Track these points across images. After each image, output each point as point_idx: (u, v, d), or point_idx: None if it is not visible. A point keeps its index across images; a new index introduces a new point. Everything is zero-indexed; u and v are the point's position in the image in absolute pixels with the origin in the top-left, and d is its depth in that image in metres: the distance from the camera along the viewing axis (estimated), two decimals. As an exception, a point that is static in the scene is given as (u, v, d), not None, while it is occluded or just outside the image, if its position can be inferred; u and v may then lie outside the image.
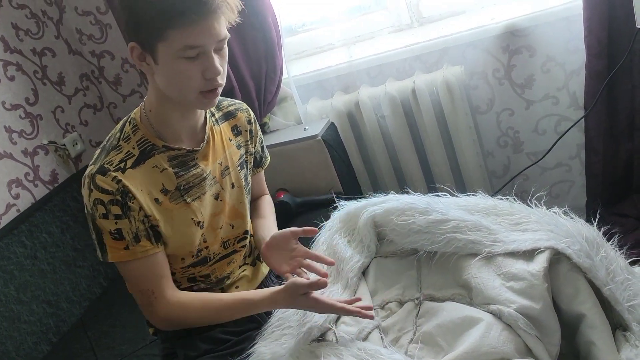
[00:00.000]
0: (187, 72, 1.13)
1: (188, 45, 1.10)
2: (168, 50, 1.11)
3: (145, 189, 1.22)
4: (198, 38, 1.10)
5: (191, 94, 1.16)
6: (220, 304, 1.26)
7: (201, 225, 1.30)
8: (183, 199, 1.26)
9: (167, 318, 1.25)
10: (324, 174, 2.13)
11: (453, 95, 2.05)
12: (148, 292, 1.24)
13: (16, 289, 1.87)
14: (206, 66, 1.13)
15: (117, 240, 1.20)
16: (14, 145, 2.08)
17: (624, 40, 1.80)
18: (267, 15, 2.05)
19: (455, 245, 1.24)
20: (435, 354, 1.12)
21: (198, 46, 1.11)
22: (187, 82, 1.14)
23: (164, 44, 1.10)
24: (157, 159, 1.24)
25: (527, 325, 1.07)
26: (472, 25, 2.08)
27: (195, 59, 1.12)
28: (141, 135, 1.24)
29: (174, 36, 1.09)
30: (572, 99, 2.09)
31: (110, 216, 1.18)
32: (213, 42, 1.12)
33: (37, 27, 2.26)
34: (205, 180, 1.30)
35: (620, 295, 1.10)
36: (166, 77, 1.16)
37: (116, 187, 1.18)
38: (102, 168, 1.19)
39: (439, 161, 2.18)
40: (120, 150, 1.22)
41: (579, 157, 2.19)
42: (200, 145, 1.29)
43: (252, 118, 1.45)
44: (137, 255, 1.21)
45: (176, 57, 1.11)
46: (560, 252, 1.13)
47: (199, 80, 1.14)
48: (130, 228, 1.20)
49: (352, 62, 2.23)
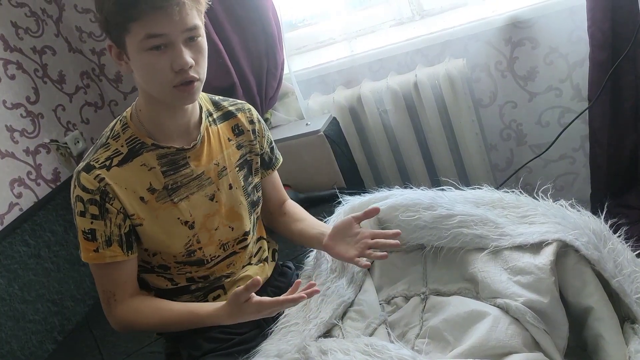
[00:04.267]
0: (155, 64, 1.11)
1: (149, 34, 1.08)
2: (133, 42, 1.11)
3: (130, 187, 1.22)
4: (157, 26, 1.08)
5: (165, 88, 1.14)
6: (170, 314, 1.26)
7: (190, 226, 1.29)
8: (170, 198, 1.26)
9: (120, 321, 1.27)
10: (326, 169, 2.12)
11: (455, 89, 2.04)
12: (109, 293, 1.26)
13: (20, 288, 1.87)
14: (173, 58, 1.11)
15: (89, 241, 1.21)
16: (16, 145, 2.07)
17: (628, 30, 1.79)
18: (267, 10, 2.05)
19: (461, 240, 1.23)
20: (442, 349, 1.12)
21: (159, 35, 1.09)
22: (156, 76, 1.13)
23: (129, 37, 1.10)
24: (146, 157, 1.24)
25: (535, 319, 1.06)
26: (473, 17, 2.07)
27: (163, 51, 1.11)
28: (131, 133, 1.24)
29: (135, 28, 1.09)
30: (576, 90, 2.08)
31: (87, 215, 1.20)
32: (177, 31, 1.10)
33: (36, 25, 2.26)
34: (195, 180, 1.29)
35: (628, 288, 1.09)
36: (139, 72, 1.16)
37: (97, 185, 1.19)
38: (87, 165, 1.20)
39: (442, 155, 2.17)
40: (108, 147, 1.23)
41: (583, 149, 2.18)
42: (192, 144, 1.28)
43: (255, 118, 1.42)
44: (105, 260, 1.22)
45: (142, 49, 1.10)
46: (568, 244, 1.12)
47: (168, 73, 1.12)
48: (104, 231, 1.21)
49: (353, 56, 2.22)
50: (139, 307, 1.27)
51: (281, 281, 1.49)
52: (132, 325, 1.28)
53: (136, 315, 1.27)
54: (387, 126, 2.20)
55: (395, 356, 1.03)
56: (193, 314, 1.24)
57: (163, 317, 1.26)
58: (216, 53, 2.02)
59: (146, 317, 1.26)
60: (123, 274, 1.26)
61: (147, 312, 1.27)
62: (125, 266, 1.26)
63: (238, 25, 2.07)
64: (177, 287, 1.35)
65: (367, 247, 1.26)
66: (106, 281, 1.26)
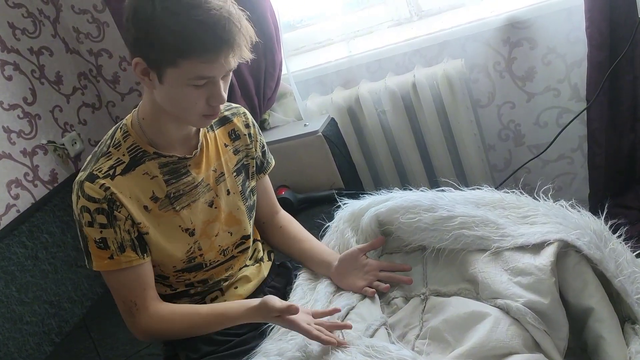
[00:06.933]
0: (192, 98, 1.13)
1: (199, 76, 1.09)
2: (177, 76, 1.10)
3: (134, 197, 1.21)
4: (211, 71, 1.10)
5: (193, 116, 1.17)
6: (199, 318, 1.25)
7: (191, 233, 1.28)
8: (172, 206, 1.25)
9: (147, 330, 1.25)
10: (324, 169, 2.12)
11: (453, 89, 2.04)
12: (130, 302, 1.23)
13: (18, 289, 1.86)
14: (212, 94, 1.13)
15: (102, 249, 1.20)
16: (13, 146, 2.06)
17: (626, 30, 1.79)
18: (265, 10, 2.04)
19: (463, 241, 1.22)
20: (443, 350, 1.11)
21: (211, 77, 1.11)
22: (190, 107, 1.15)
23: (175, 70, 1.09)
24: (148, 166, 1.23)
25: (536, 320, 1.06)
26: (472, 18, 2.07)
27: (203, 86, 1.12)
28: (132, 141, 1.23)
29: (186, 65, 1.08)
30: (574, 90, 2.08)
31: (95, 224, 1.18)
32: (224, 72, 1.13)
33: (33, 26, 2.25)
34: (197, 188, 1.28)
35: (628, 288, 1.09)
36: (169, 98, 1.15)
37: (103, 194, 1.17)
38: (90, 175, 1.19)
39: (440, 155, 2.17)
40: (110, 157, 1.21)
41: (581, 149, 2.18)
42: (192, 152, 1.28)
43: (250, 122, 1.41)
44: (121, 266, 1.21)
45: (184, 84, 1.10)
46: (569, 244, 1.12)
47: (202, 105, 1.15)
48: (115, 238, 1.19)
49: (351, 57, 2.22)
50: (166, 316, 1.25)
51: (278, 281, 1.49)
52: (161, 334, 1.27)
53: (163, 323, 1.24)
54: (385, 127, 2.20)
55: (396, 357, 1.02)
56: (223, 316, 1.23)
57: (193, 322, 1.25)
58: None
59: (175, 325, 1.25)
60: (141, 279, 1.23)
61: (176, 319, 1.25)
62: (143, 271, 1.23)
63: (236, 26, 2.06)
64: (176, 292, 1.35)
65: (375, 279, 1.33)
66: (125, 291, 1.23)
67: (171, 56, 1.07)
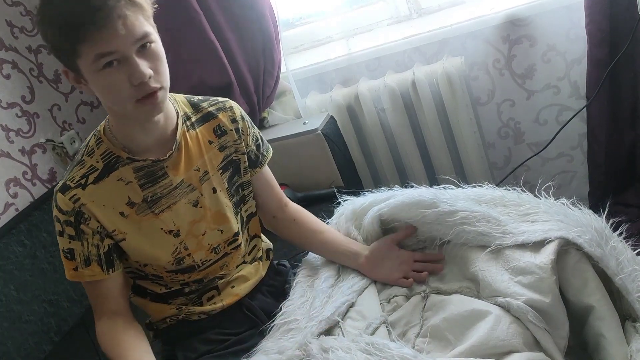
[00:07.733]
0: (113, 82, 1.06)
1: (98, 54, 1.03)
2: (86, 64, 1.06)
3: (108, 204, 1.20)
4: (105, 44, 1.03)
5: (128, 104, 1.09)
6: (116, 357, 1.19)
7: (175, 234, 1.27)
8: (151, 210, 1.24)
9: (98, 337, 1.25)
10: (324, 168, 2.12)
11: (453, 87, 2.03)
12: (93, 307, 1.27)
13: (16, 288, 1.86)
14: (130, 72, 1.06)
15: (69, 260, 1.21)
16: (11, 144, 2.06)
17: (626, 28, 1.78)
18: (264, 8, 2.04)
19: (464, 237, 1.22)
20: (443, 348, 1.11)
21: (109, 52, 1.04)
22: (117, 94, 1.08)
23: (81, 60, 1.06)
24: (122, 172, 1.21)
25: (537, 318, 1.06)
26: (471, 15, 2.06)
27: (117, 67, 1.05)
28: (105, 148, 1.21)
29: (84, 49, 1.04)
30: (574, 88, 2.08)
31: (64, 235, 1.20)
32: (127, 44, 1.04)
33: (32, 24, 2.24)
34: (176, 190, 1.26)
35: (629, 286, 1.09)
36: (99, 92, 1.11)
37: (72, 207, 1.17)
38: (63, 186, 1.19)
39: (440, 153, 2.17)
40: (83, 165, 1.21)
41: (581, 147, 2.18)
42: (167, 154, 1.24)
43: (237, 116, 1.34)
44: (84, 279, 1.22)
45: (95, 70, 1.06)
46: (570, 242, 1.11)
47: (128, 88, 1.07)
48: (82, 251, 1.20)
49: (350, 55, 2.21)
50: (104, 334, 1.23)
51: (277, 280, 1.49)
52: (102, 347, 1.25)
53: (102, 338, 1.23)
54: (385, 125, 2.20)
55: (397, 355, 1.02)
56: None
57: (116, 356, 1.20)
58: (213, 52, 2.01)
59: (107, 346, 1.22)
60: (103, 292, 1.25)
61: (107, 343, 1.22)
62: (106, 284, 1.24)
63: (235, 24, 2.06)
64: (171, 291, 1.34)
65: (410, 270, 1.31)
66: (90, 297, 1.27)
67: (68, 48, 1.05)
